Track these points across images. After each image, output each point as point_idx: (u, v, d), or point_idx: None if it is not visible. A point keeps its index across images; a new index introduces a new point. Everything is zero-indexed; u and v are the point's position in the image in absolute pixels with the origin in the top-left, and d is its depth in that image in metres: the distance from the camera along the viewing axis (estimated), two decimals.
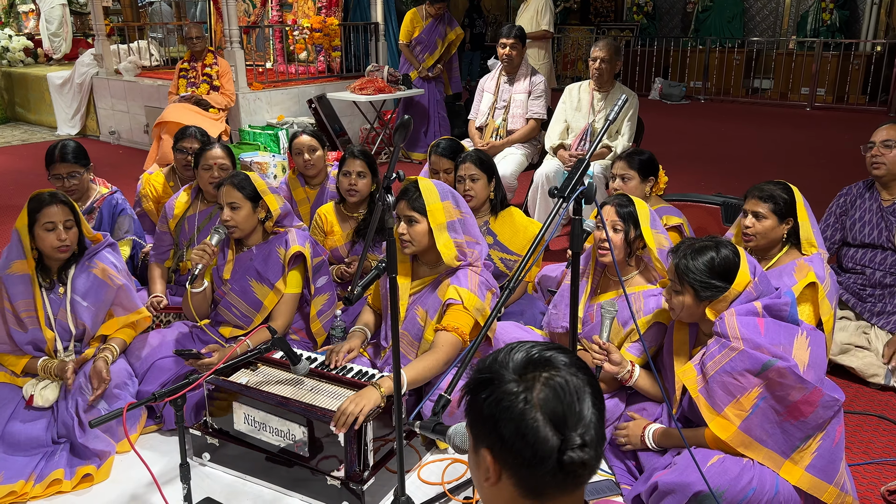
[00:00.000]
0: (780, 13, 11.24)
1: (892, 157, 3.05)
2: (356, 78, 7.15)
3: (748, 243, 2.73)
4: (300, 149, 3.72)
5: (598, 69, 4.22)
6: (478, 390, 1.07)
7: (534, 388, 1.02)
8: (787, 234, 2.71)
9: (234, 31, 6.51)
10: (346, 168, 3.36)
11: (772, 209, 2.66)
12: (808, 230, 2.68)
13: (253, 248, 2.89)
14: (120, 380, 2.65)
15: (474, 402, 1.07)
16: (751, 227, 2.69)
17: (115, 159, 7.54)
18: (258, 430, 2.36)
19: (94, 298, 2.68)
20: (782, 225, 2.68)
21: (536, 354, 1.06)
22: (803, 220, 2.67)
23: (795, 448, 2.04)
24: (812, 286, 2.60)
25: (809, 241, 2.68)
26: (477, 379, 1.08)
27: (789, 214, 2.67)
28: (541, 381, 1.03)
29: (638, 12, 12.16)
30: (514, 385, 1.03)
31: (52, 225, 2.56)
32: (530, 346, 1.09)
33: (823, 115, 9.45)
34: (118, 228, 3.47)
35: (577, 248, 1.79)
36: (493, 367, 1.07)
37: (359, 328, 2.77)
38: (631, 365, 2.39)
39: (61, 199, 2.61)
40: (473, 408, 1.07)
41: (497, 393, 1.04)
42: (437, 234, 2.52)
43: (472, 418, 1.07)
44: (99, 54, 8.19)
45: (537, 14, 6.47)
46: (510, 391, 1.03)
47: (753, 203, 2.70)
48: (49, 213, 2.56)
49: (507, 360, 1.07)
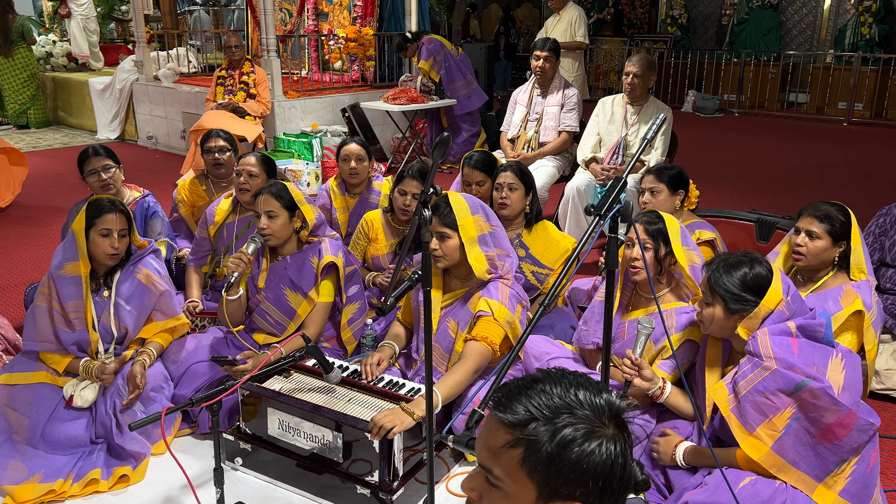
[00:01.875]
0: (818, 26, 11.09)
1: None
2: (389, 87, 7.22)
3: (797, 262, 2.68)
4: (348, 156, 3.77)
5: (631, 84, 4.22)
6: (559, 453, 0.97)
7: (617, 442, 1.00)
8: (838, 258, 2.65)
9: (271, 41, 6.62)
10: (403, 187, 3.38)
11: (827, 230, 2.59)
12: (860, 255, 2.60)
13: (287, 257, 2.94)
14: (156, 383, 2.71)
15: (555, 462, 0.97)
16: (803, 246, 2.63)
17: (153, 163, 7.69)
18: (292, 434, 2.40)
19: (138, 303, 2.75)
20: (835, 248, 2.61)
21: (604, 396, 1.01)
22: (856, 244, 2.60)
23: (829, 472, 2.02)
24: (858, 314, 2.53)
25: (860, 267, 2.61)
26: (550, 440, 0.98)
27: (844, 237, 2.60)
28: (620, 433, 1.01)
29: (672, 24, 12.10)
30: (604, 442, 0.99)
31: (108, 232, 2.65)
32: (581, 385, 1.02)
33: (861, 131, 9.29)
34: (151, 231, 3.58)
35: (612, 265, 1.80)
36: (555, 420, 0.98)
37: (388, 342, 2.79)
38: (662, 381, 2.38)
39: (119, 208, 2.69)
40: (548, 469, 0.98)
41: (586, 454, 0.97)
42: (468, 248, 2.54)
43: (556, 479, 0.98)
44: (139, 61, 8.39)
45: (571, 26, 6.47)
46: (605, 452, 0.98)
47: (808, 221, 2.63)
48: (107, 220, 2.65)
49: (571, 405, 1.00)
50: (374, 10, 7.83)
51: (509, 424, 1.00)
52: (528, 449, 0.98)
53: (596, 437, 0.99)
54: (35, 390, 2.63)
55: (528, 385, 1.03)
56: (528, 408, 1.00)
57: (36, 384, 2.64)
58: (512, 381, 1.06)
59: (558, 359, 2.77)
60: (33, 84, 9.61)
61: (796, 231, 2.68)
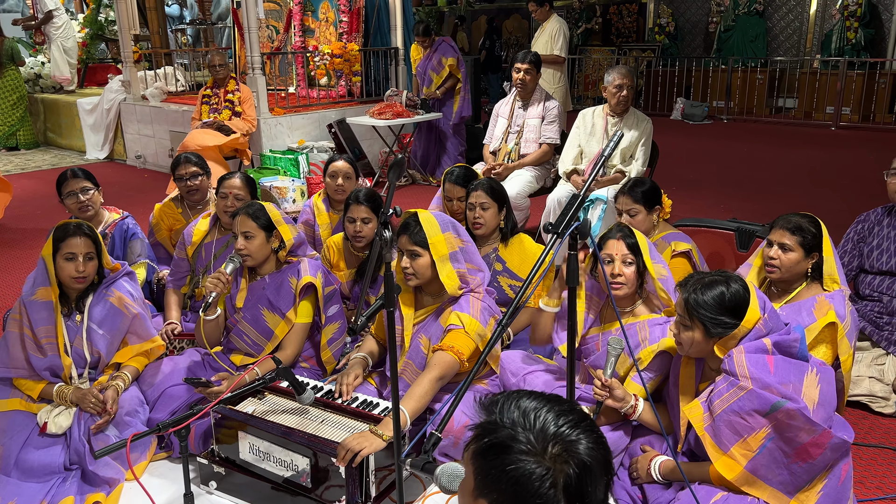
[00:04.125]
0: (804, 32, 11.15)
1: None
2: (376, 102, 7.24)
3: (771, 274, 2.67)
4: (336, 173, 3.77)
5: (625, 97, 4.18)
6: (491, 453, 1.08)
7: (559, 472, 1.05)
8: (811, 269, 2.64)
9: (256, 59, 6.64)
10: (351, 214, 3.33)
11: (799, 242, 2.59)
12: (832, 266, 2.60)
13: (266, 277, 2.93)
14: (131, 407, 2.70)
15: (486, 462, 1.08)
16: (776, 258, 2.62)
17: (141, 183, 7.70)
18: (262, 459, 2.38)
19: (110, 326, 2.74)
20: (808, 259, 2.61)
21: (563, 429, 1.08)
22: (828, 255, 2.60)
23: (801, 488, 2.00)
24: (832, 326, 2.53)
25: (832, 277, 2.61)
26: (491, 440, 1.09)
27: (815, 249, 2.60)
28: (564, 467, 1.05)
29: (660, 32, 12.15)
30: (536, 465, 1.05)
31: (73, 255, 2.63)
32: (555, 412, 1.10)
33: (849, 135, 9.32)
34: (130, 252, 3.57)
35: (572, 282, 1.79)
36: (508, 429, 1.08)
37: (360, 356, 2.78)
38: (635, 400, 2.37)
39: (86, 232, 2.68)
40: (484, 467, 1.09)
41: (516, 465, 1.05)
42: (439, 265, 2.54)
43: (482, 474, 1.09)
44: (126, 80, 8.41)
45: (551, 39, 6.51)
46: (532, 472, 1.05)
47: (780, 234, 2.62)
48: (72, 244, 2.64)
49: (527, 423, 1.09)
50: (359, 25, 7.87)
51: (483, 410, 1.14)
52: (477, 437, 1.11)
53: (529, 455, 1.06)
54: (8, 417, 2.61)
55: (515, 395, 1.15)
56: (501, 409, 1.12)
57: (10, 411, 2.63)
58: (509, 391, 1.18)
59: (535, 373, 2.76)
60: (22, 106, 9.63)
61: (769, 244, 2.66)
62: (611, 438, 2.44)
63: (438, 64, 6.94)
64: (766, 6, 11.29)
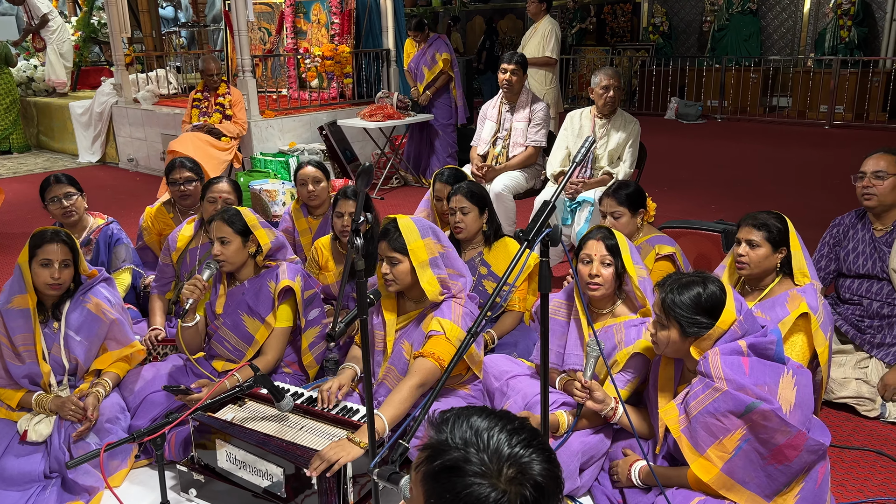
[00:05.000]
0: (798, 31, 11.14)
1: (883, 189, 2.98)
2: (368, 104, 7.23)
3: (741, 271, 2.71)
4: (304, 179, 3.76)
5: (612, 98, 4.18)
6: (443, 475, 1.06)
7: (514, 495, 1.03)
8: (781, 265, 2.68)
9: (246, 61, 6.63)
10: (339, 209, 3.36)
11: (766, 237, 2.64)
12: (801, 260, 2.65)
13: (245, 282, 2.92)
14: (112, 414, 2.68)
15: (439, 485, 1.06)
16: (744, 255, 2.67)
17: (133, 186, 7.69)
18: (239, 468, 2.37)
19: (87, 333, 2.73)
20: (776, 254, 2.66)
21: (517, 450, 1.05)
22: (796, 249, 2.65)
23: (778, 491, 2.00)
24: (805, 317, 2.57)
25: (802, 272, 2.65)
26: (443, 461, 1.06)
27: (783, 243, 2.65)
28: (519, 489, 1.03)
29: (654, 32, 12.14)
30: (491, 488, 1.03)
31: (48, 262, 2.62)
32: (507, 431, 1.08)
33: (843, 134, 9.31)
34: (115, 258, 3.55)
35: (544, 288, 1.78)
36: (461, 450, 1.06)
37: (348, 364, 2.77)
38: (615, 402, 2.36)
39: (62, 238, 2.67)
40: (437, 490, 1.06)
41: (470, 489, 1.03)
42: (420, 272, 2.53)
43: (434, 496, 1.06)
44: (118, 83, 8.39)
45: (543, 40, 6.49)
46: (487, 495, 1.02)
47: (747, 231, 2.68)
48: (48, 250, 2.62)
49: (480, 444, 1.06)
50: (350, 27, 7.86)
51: (434, 429, 1.11)
52: (428, 457, 1.08)
53: (483, 478, 1.04)
54: None
55: (466, 413, 1.12)
56: (452, 428, 1.09)
57: None
58: (459, 407, 1.15)
59: (517, 377, 2.75)
60: (14, 109, 9.61)
61: (737, 242, 2.70)
62: (592, 442, 2.44)
63: (432, 59, 6.92)
64: (760, 5, 11.29)
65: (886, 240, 3.04)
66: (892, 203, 3.02)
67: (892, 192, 2.99)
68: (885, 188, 2.98)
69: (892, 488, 2.48)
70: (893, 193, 2.99)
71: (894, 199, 3.01)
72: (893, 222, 3.04)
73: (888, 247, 3.02)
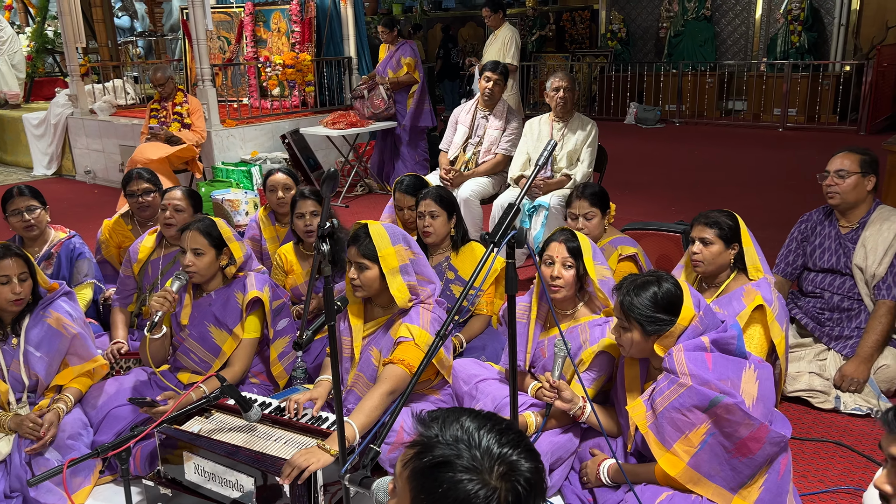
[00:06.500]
0: (751, 36, 11.42)
1: (845, 187, 3.08)
2: (331, 112, 7.20)
3: (696, 269, 2.79)
4: (274, 186, 3.75)
5: (563, 98, 4.26)
6: (433, 471, 1.07)
7: (504, 492, 1.05)
8: (734, 261, 2.76)
9: (205, 70, 6.56)
10: (299, 210, 3.38)
11: (717, 234, 2.72)
12: (754, 255, 2.74)
13: (212, 293, 2.89)
14: (74, 430, 2.63)
15: (427, 480, 1.07)
16: (698, 252, 2.76)
17: (91, 199, 7.53)
18: (208, 480, 2.34)
19: (48, 348, 2.66)
20: (729, 250, 2.74)
21: (506, 449, 1.07)
22: (748, 245, 2.74)
23: (743, 484, 2.05)
24: (760, 309, 2.66)
25: (755, 267, 2.74)
26: (433, 457, 1.08)
27: (735, 240, 2.74)
28: (504, 486, 1.05)
29: (612, 38, 12.32)
30: (481, 485, 1.04)
31: (6, 279, 2.56)
32: (496, 431, 1.10)
33: (795, 136, 9.57)
34: (77, 272, 3.48)
35: (511, 290, 1.80)
36: (451, 447, 1.07)
37: (324, 377, 2.74)
38: (583, 401, 2.39)
39: (15, 252, 2.61)
40: (425, 485, 1.07)
41: (460, 485, 1.04)
42: (390, 278, 2.52)
43: (423, 492, 1.07)
44: (73, 94, 8.22)
45: (504, 47, 6.57)
46: (477, 492, 1.04)
47: (700, 229, 2.76)
48: (3, 266, 2.56)
49: (471, 442, 1.08)
50: (311, 35, 7.83)
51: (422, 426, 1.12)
52: (418, 453, 1.09)
53: (472, 474, 1.05)
54: None
55: (456, 413, 1.13)
56: (442, 426, 1.10)
57: None
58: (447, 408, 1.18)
59: (486, 381, 2.76)
60: None
61: (691, 241, 2.77)
62: (561, 441, 2.46)
63: (398, 63, 6.92)
64: (714, 11, 11.54)
65: (852, 237, 3.14)
66: (855, 201, 3.11)
67: (853, 191, 3.08)
68: (846, 186, 3.08)
69: (852, 477, 2.55)
70: (855, 192, 3.09)
71: (856, 197, 3.10)
72: (859, 220, 3.14)
73: (853, 243, 3.12)
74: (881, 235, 3.04)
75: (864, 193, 3.10)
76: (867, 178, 3.07)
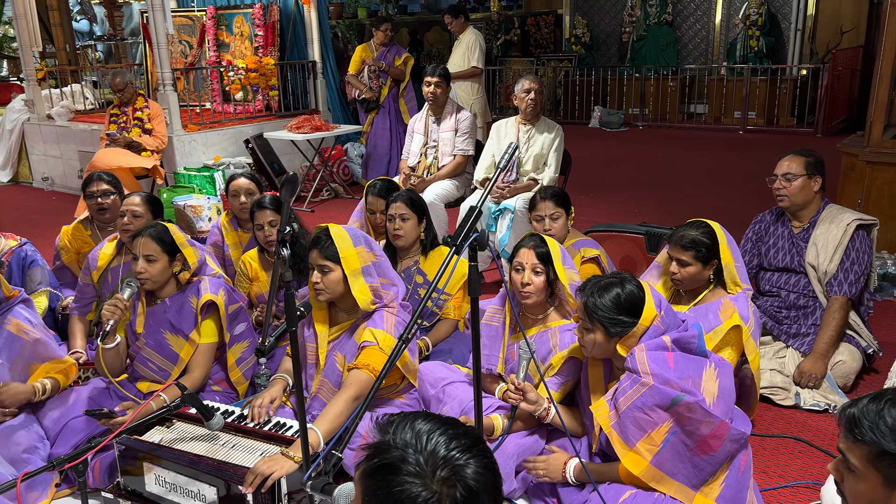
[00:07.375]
0: (711, 41, 11.62)
1: (793, 190, 3.15)
2: (294, 116, 7.14)
3: (677, 286, 2.82)
4: (237, 191, 3.70)
5: (534, 100, 4.27)
6: (379, 473, 1.07)
7: (444, 497, 1.04)
8: (714, 275, 2.77)
9: (166, 75, 6.47)
10: (257, 221, 3.34)
11: (694, 255, 2.72)
12: (732, 270, 2.74)
13: (166, 299, 2.83)
14: (29, 443, 2.55)
15: (374, 483, 1.08)
16: (677, 273, 2.77)
17: (49, 206, 7.36)
18: (170, 491, 2.29)
19: (9, 354, 2.61)
20: (707, 269, 2.74)
21: (454, 453, 1.07)
22: (727, 260, 2.73)
23: (705, 481, 2.07)
24: (736, 329, 2.66)
25: (734, 281, 2.75)
26: (381, 460, 1.08)
27: (713, 257, 2.73)
28: (450, 491, 1.05)
29: (576, 43, 12.45)
30: (422, 488, 1.04)
31: None
32: (448, 435, 1.10)
33: (755, 138, 9.76)
34: (30, 281, 3.40)
35: (474, 293, 1.80)
36: (400, 450, 1.08)
37: (279, 375, 2.72)
38: (548, 403, 2.40)
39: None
40: (371, 487, 1.08)
41: (402, 488, 1.05)
42: (352, 280, 2.51)
43: (369, 494, 1.08)
44: (30, 100, 8.04)
45: (468, 51, 6.59)
46: (418, 495, 1.04)
47: (677, 251, 2.75)
48: None
49: (419, 445, 1.08)
50: (275, 39, 7.76)
51: (379, 431, 1.14)
52: (368, 456, 1.11)
53: (416, 478, 1.06)
54: None
55: (411, 417, 1.14)
56: (395, 430, 1.11)
57: None
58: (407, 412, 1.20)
59: (453, 384, 2.76)
60: None
61: (670, 258, 2.79)
62: (527, 443, 2.47)
63: (392, 62, 6.91)
64: (675, 16, 11.73)
65: (803, 236, 3.21)
66: (804, 202, 3.18)
67: (801, 193, 3.15)
68: (794, 189, 3.14)
69: (811, 472, 2.60)
70: (803, 193, 3.15)
71: (804, 199, 3.17)
72: (810, 220, 3.21)
73: (805, 242, 3.19)
74: (831, 234, 3.11)
75: (812, 194, 3.17)
76: (813, 179, 3.14)
